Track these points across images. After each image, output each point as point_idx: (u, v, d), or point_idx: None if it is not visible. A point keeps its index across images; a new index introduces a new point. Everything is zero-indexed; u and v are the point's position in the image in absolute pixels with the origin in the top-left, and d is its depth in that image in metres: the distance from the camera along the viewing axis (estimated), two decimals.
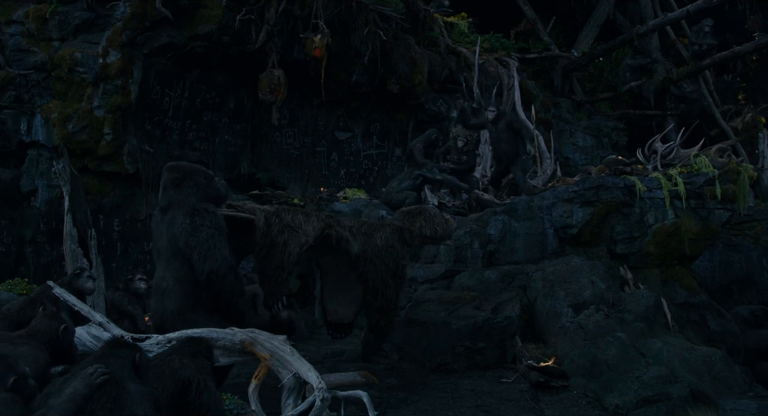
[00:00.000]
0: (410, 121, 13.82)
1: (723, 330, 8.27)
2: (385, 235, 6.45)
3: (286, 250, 6.11)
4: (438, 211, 6.94)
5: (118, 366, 3.50)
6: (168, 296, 5.42)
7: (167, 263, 5.50)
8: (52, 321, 4.42)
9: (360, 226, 6.45)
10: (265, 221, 6.15)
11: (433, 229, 6.68)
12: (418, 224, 6.66)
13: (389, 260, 6.41)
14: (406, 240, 6.59)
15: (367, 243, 6.36)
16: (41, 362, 4.18)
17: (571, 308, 7.30)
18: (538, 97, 14.67)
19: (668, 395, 5.79)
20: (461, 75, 14.05)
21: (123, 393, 3.36)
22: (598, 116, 15.36)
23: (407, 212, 6.88)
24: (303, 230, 6.11)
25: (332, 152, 13.13)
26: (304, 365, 5.23)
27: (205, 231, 5.36)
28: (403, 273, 6.60)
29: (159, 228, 5.59)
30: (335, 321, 6.91)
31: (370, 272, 6.39)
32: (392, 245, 6.44)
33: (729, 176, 8.62)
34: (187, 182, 5.62)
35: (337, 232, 6.20)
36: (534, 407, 6.09)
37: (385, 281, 6.43)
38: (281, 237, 6.12)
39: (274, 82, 10.69)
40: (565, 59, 15.64)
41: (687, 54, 15.76)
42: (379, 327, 6.63)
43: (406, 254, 6.68)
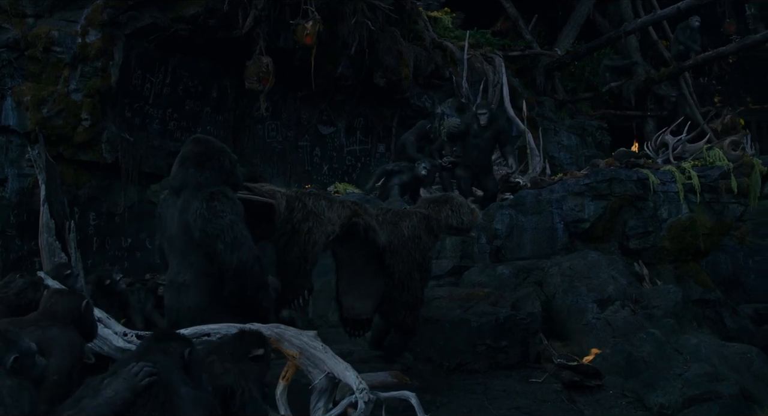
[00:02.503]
0: (395, 116, 13.40)
1: (739, 327, 8.02)
2: (412, 224, 5.92)
3: (310, 239, 5.46)
4: (464, 200, 6.44)
5: (166, 365, 2.92)
6: (186, 292, 4.77)
7: (182, 255, 4.83)
8: (71, 297, 3.80)
9: (385, 214, 5.92)
10: (287, 206, 5.44)
11: (459, 219, 6.19)
12: (444, 214, 6.16)
13: (416, 252, 5.89)
14: (434, 230, 6.08)
15: (393, 233, 5.83)
16: (77, 346, 3.59)
17: (596, 304, 6.95)
18: (522, 95, 14.42)
19: (718, 393, 5.45)
20: (447, 70, 13.71)
21: (174, 399, 2.78)
22: (581, 116, 15.20)
23: (432, 200, 6.38)
24: (327, 218, 5.56)
25: (315, 146, 12.60)
26: (339, 363, 4.70)
27: (228, 218, 4.68)
28: (428, 266, 6.10)
29: (170, 213, 4.87)
30: (352, 317, 6.27)
31: (396, 264, 5.85)
32: (419, 236, 5.91)
33: (743, 170, 8.41)
34: (213, 162, 4.90)
35: (364, 221, 5.64)
36: (573, 408, 5.68)
37: (411, 274, 5.90)
38: (305, 225, 5.45)
39: (263, 70, 10.12)
40: (547, 58, 15.43)
41: (668, 55, 15.71)
42: (405, 324, 6.08)
43: (432, 245, 6.19)
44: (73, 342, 3.54)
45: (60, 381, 3.33)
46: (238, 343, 3.91)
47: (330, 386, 4.84)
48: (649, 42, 16.44)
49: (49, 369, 3.28)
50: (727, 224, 8.45)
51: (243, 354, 3.85)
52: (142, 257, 9.67)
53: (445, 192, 7.16)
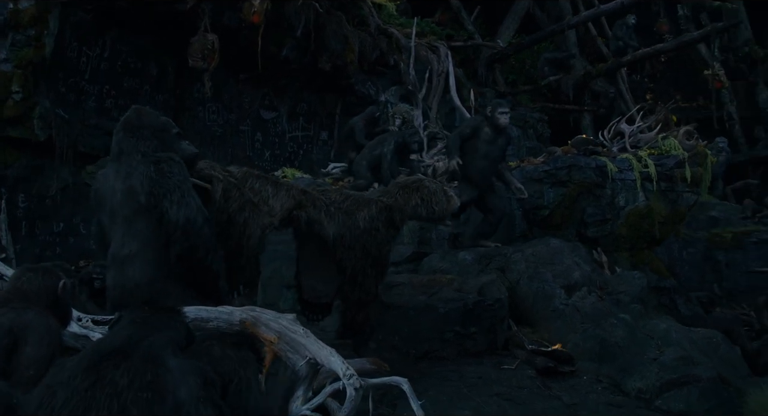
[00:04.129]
0: (338, 103, 13.09)
1: (692, 314, 8.09)
2: (371, 215, 5.41)
3: (245, 231, 5.07)
4: (440, 186, 5.86)
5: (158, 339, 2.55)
6: (132, 264, 4.31)
7: (127, 225, 4.38)
8: (45, 277, 3.32)
9: (342, 201, 5.49)
10: (223, 194, 5.01)
11: (430, 209, 5.66)
12: (412, 203, 5.65)
13: (371, 246, 5.39)
14: (395, 222, 5.58)
15: (346, 225, 5.35)
16: (56, 333, 3.11)
17: (563, 290, 6.84)
18: (466, 85, 14.35)
19: (696, 377, 5.42)
20: (392, 57, 13.47)
21: (162, 374, 2.39)
22: (521, 107, 15.22)
23: (403, 185, 5.81)
24: (269, 207, 5.14)
25: (257, 131, 12.14)
26: (323, 348, 4.37)
27: (176, 178, 4.36)
28: (385, 261, 5.60)
29: (110, 184, 4.47)
30: (312, 300, 5.83)
31: (348, 259, 5.37)
32: (376, 228, 5.41)
33: (697, 160, 8.52)
34: (155, 130, 4.57)
35: (307, 214, 5.20)
36: (550, 394, 5.54)
37: (364, 270, 5.42)
38: (241, 216, 5.06)
39: (208, 47, 9.63)
40: (489, 49, 15.41)
41: (607, 51, 15.96)
42: (355, 323, 5.59)
43: (392, 238, 5.66)
44: (52, 329, 3.07)
45: (36, 376, 2.80)
46: None
47: (310, 373, 4.50)
48: (587, 38, 16.68)
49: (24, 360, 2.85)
50: (681, 212, 8.55)
51: (245, 341, 3.52)
52: (75, 243, 9.03)
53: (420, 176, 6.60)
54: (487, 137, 7.81)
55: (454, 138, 8.03)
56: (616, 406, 5.29)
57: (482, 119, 7.96)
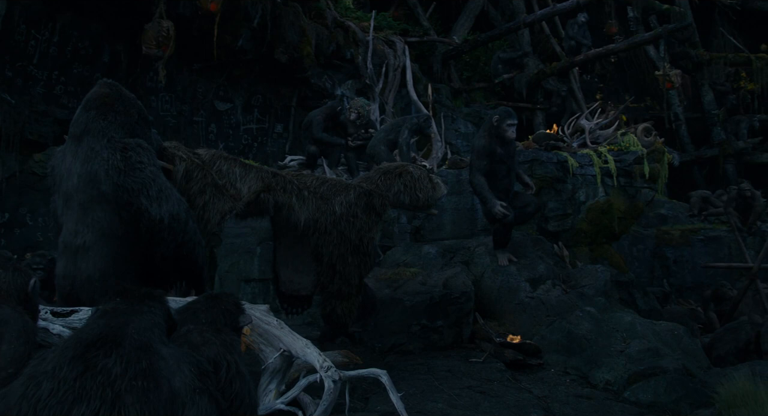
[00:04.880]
0: (294, 96, 12.88)
1: (649, 308, 8.22)
2: (348, 201, 5.23)
3: (204, 215, 4.79)
4: (425, 173, 5.69)
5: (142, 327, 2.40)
6: (85, 256, 4.05)
7: (83, 212, 4.10)
8: (17, 274, 3.10)
9: (318, 186, 5.32)
10: (184, 175, 4.74)
11: (414, 196, 5.49)
12: (394, 189, 5.48)
13: (350, 233, 5.19)
14: (375, 208, 5.36)
15: (321, 210, 5.15)
16: (32, 331, 2.90)
17: (528, 283, 6.84)
18: (422, 80, 14.32)
19: (663, 368, 5.47)
20: (348, 51, 13.32)
21: (155, 362, 2.26)
22: (476, 104, 15.29)
23: (385, 171, 5.66)
24: (236, 190, 4.92)
25: (211, 123, 11.87)
26: (298, 340, 4.25)
27: (149, 169, 4.10)
28: (368, 249, 5.33)
29: (67, 164, 4.16)
30: (290, 292, 5.67)
31: (324, 246, 5.18)
32: (355, 214, 5.21)
33: (655, 156, 8.64)
34: (119, 107, 4.26)
35: (275, 198, 4.97)
36: (520, 387, 5.51)
37: (343, 258, 5.20)
38: (201, 198, 4.77)
39: (163, 34, 9.33)
40: (444, 46, 15.41)
41: (560, 50, 16.14)
42: (335, 315, 5.36)
43: (373, 225, 5.39)
44: (28, 326, 2.86)
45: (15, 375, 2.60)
46: (216, 311, 3.34)
47: (284, 366, 4.38)
48: (541, 37, 16.84)
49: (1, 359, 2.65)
50: (639, 207, 8.67)
51: (224, 323, 3.32)
52: (21, 235, 8.65)
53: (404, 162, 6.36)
54: (501, 156, 7.23)
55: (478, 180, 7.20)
56: (586, 398, 5.29)
57: (488, 141, 7.24)
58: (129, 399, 2.07)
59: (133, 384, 2.11)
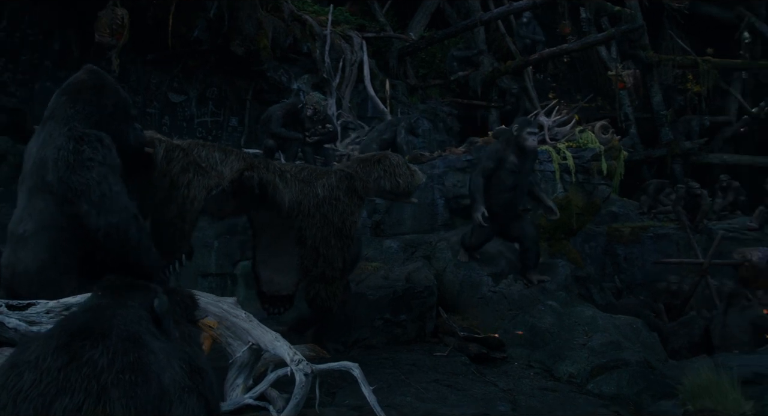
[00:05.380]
0: (250, 89, 12.71)
1: (606, 302, 8.32)
2: (330, 184, 5.20)
3: (189, 193, 4.73)
4: (403, 160, 5.66)
5: (130, 318, 2.29)
6: (24, 246, 3.87)
7: (28, 198, 3.94)
8: None
9: (298, 171, 5.28)
10: (165, 156, 4.69)
11: (394, 181, 5.42)
12: (374, 175, 5.42)
13: (333, 215, 5.17)
14: (357, 191, 5.33)
15: (303, 192, 5.11)
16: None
17: (491, 278, 6.87)
18: (378, 76, 14.30)
19: (625, 361, 5.54)
20: (305, 45, 13.21)
21: (144, 355, 2.16)
22: (431, 101, 15.33)
23: (363, 159, 5.64)
24: (217, 172, 4.86)
25: (165, 115, 11.61)
26: (267, 333, 4.17)
27: (97, 170, 3.88)
28: (350, 233, 5.29)
29: (29, 147, 4.04)
30: (271, 292, 5.54)
31: (308, 228, 5.13)
32: (337, 197, 5.19)
33: (612, 153, 8.77)
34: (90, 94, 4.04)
35: (259, 175, 4.91)
36: (485, 380, 5.52)
37: (327, 240, 5.16)
38: (184, 177, 4.72)
39: (117, 22, 9.07)
40: (401, 42, 15.40)
41: (515, 48, 16.29)
42: (319, 299, 5.26)
43: (356, 208, 5.35)
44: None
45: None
46: (172, 303, 3.22)
47: (252, 360, 4.28)
48: (496, 35, 16.96)
49: None
50: (596, 204, 8.79)
51: (181, 315, 3.21)
52: None
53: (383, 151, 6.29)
54: (513, 166, 6.89)
55: (476, 180, 6.90)
56: (551, 390, 5.32)
57: (504, 147, 6.96)
58: (115, 393, 1.97)
59: (120, 377, 2.01)
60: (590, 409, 5.00)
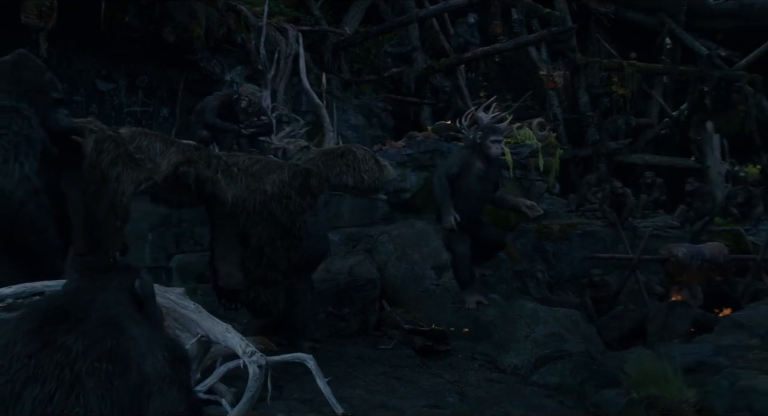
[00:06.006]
0: (182, 79, 12.32)
1: (542, 296, 8.48)
2: (282, 180, 4.96)
3: (119, 188, 4.52)
4: (370, 154, 5.46)
5: (109, 302, 2.15)
6: None
7: None
8: None
9: (250, 165, 5.08)
10: (95, 147, 4.47)
11: (358, 177, 5.22)
12: (336, 169, 5.20)
13: (282, 214, 4.93)
14: (312, 188, 5.09)
15: (250, 189, 4.89)
16: None
17: (434, 271, 6.89)
18: (313, 70, 14.15)
19: (568, 352, 5.66)
20: (239, 35, 12.93)
21: (123, 342, 2.02)
22: (365, 96, 15.30)
23: (327, 151, 5.48)
24: (155, 164, 4.66)
25: (92, 103, 11.15)
26: (218, 325, 4.03)
27: (7, 138, 3.73)
28: (299, 233, 5.05)
29: None
30: (229, 287, 5.22)
31: (252, 227, 4.91)
32: (288, 195, 4.95)
33: (549, 150, 8.92)
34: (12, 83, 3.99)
35: (197, 171, 4.68)
36: (432, 372, 5.54)
37: (272, 241, 4.95)
38: (114, 170, 4.51)
39: (45, 4, 8.66)
40: (336, 36, 15.29)
41: (449, 46, 16.41)
42: (258, 302, 5.07)
43: (308, 207, 5.12)
44: None
45: None
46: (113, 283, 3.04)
47: (201, 352, 4.14)
48: (430, 33, 17.05)
49: None
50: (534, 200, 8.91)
51: None
52: None
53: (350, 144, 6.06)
54: (479, 172, 6.57)
55: (441, 183, 6.53)
56: (497, 382, 5.39)
57: (470, 152, 6.71)
58: (90, 383, 1.83)
59: (96, 366, 1.86)
60: (536, 399, 5.08)
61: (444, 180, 6.50)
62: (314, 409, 4.35)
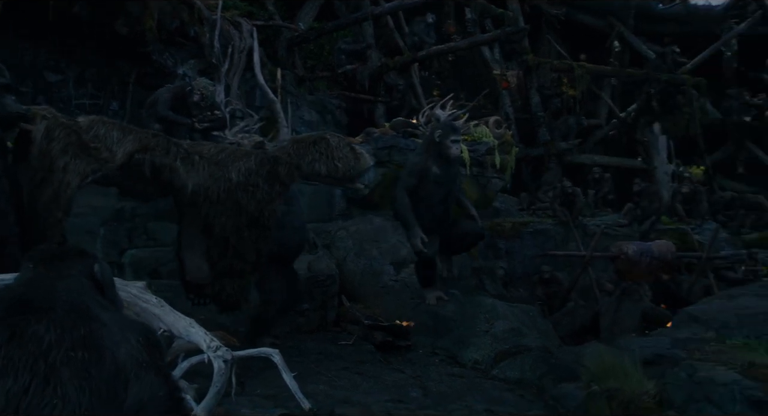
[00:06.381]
0: (133, 72, 12.08)
1: (497, 292, 8.56)
2: (248, 168, 4.83)
3: (64, 178, 4.43)
4: (345, 141, 5.32)
5: (72, 288, 2.08)
6: None
7: None
8: None
9: (215, 153, 4.96)
10: (46, 134, 4.42)
11: (332, 165, 5.07)
12: (309, 157, 5.06)
13: (249, 203, 4.82)
14: (280, 177, 4.96)
15: (213, 177, 4.77)
16: None
17: (392, 267, 6.90)
18: (267, 65, 14.02)
19: (527, 347, 5.73)
20: (192, 29, 12.72)
21: (96, 329, 1.95)
22: (319, 93, 15.22)
23: (299, 139, 5.33)
24: (111, 152, 4.52)
25: (39, 95, 10.85)
26: (181, 319, 3.95)
27: None
28: (268, 223, 4.92)
29: None
30: (197, 280, 5.08)
31: (215, 216, 4.80)
32: (255, 183, 4.84)
33: (505, 148, 9.01)
34: None
35: (153, 158, 4.57)
36: (394, 368, 5.55)
37: (239, 230, 4.83)
38: (62, 160, 4.43)
39: None
40: (290, 32, 15.17)
41: (403, 45, 16.43)
42: (224, 294, 4.96)
43: (276, 196, 4.97)
44: None
45: None
46: None
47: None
48: (384, 31, 17.03)
49: None
50: (490, 197, 9.02)
51: None
52: None
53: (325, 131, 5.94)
54: (437, 177, 6.41)
55: (401, 200, 6.33)
56: (458, 376, 5.42)
57: (424, 158, 6.50)
58: (66, 373, 1.76)
59: (71, 355, 1.79)
60: (497, 394, 5.13)
61: (405, 196, 6.34)
62: (279, 404, 4.31)
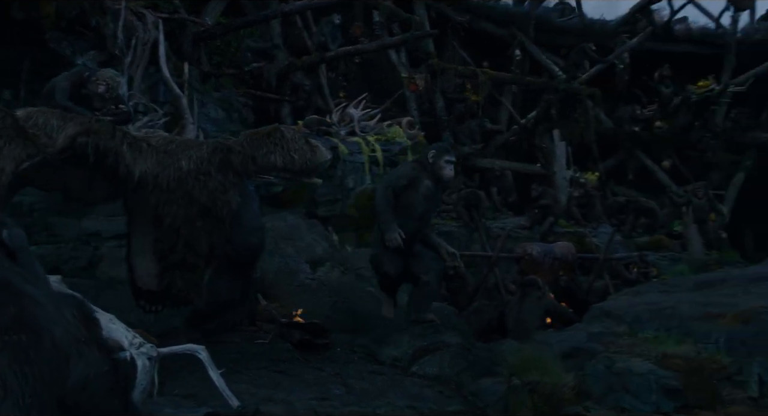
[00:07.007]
0: (26, 59, 11.46)
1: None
2: (199, 156, 4.69)
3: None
4: (299, 135, 5.24)
5: None
6: None
7: None
8: None
9: (165, 143, 4.75)
10: None
11: (288, 157, 4.97)
12: (264, 149, 4.95)
13: (200, 193, 4.65)
14: (233, 166, 4.82)
15: (162, 164, 4.60)
16: None
17: (308, 265, 6.84)
18: (171, 59, 13.62)
19: (446, 343, 5.80)
20: (94, 18, 12.20)
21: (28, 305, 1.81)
22: (226, 90, 14.94)
23: (253, 132, 5.21)
24: (51, 139, 4.33)
25: None
26: (101, 315, 3.73)
27: None
28: (222, 213, 4.75)
29: None
30: (148, 286, 4.89)
31: (165, 205, 4.62)
32: (207, 172, 4.69)
33: (418, 148, 9.11)
34: None
35: (97, 141, 4.34)
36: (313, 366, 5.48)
37: (190, 221, 4.64)
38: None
39: None
40: (196, 26, 14.79)
41: (311, 44, 16.34)
42: (175, 288, 4.76)
43: (230, 186, 4.80)
44: None
45: None
46: None
47: None
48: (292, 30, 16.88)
49: None
50: None
51: None
52: None
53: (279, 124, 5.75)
54: (428, 190, 6.06)
55: (384, 195, 6.01)
56: (378, 374, 5.43)
57: (419, 169, 6.15)
58: (4, 358, 1.62)
59: (5, 339, 1.65)
60: (416, 390, 5.17)
61: (389, 193, 6.03)
62: (201, 403, 4.17)
